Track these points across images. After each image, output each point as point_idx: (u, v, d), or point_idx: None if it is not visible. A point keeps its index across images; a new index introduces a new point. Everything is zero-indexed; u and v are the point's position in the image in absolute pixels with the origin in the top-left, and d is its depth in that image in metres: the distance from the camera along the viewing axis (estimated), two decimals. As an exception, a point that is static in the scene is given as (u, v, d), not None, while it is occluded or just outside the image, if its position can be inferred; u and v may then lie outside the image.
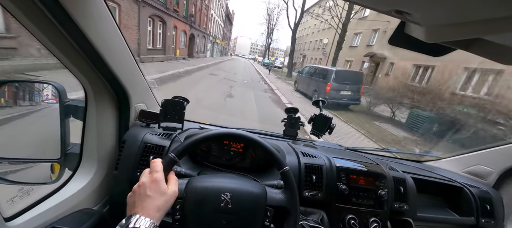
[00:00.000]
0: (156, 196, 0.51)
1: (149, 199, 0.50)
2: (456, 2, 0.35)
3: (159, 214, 0.50)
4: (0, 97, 0.73)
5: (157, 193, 0.51)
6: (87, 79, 0.72)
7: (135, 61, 0.83)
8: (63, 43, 0.57)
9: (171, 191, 0.54)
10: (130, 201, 0.54)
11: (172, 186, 0.55)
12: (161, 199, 0.51)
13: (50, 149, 0.83)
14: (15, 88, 0.78)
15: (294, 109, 1.14)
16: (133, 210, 0.50)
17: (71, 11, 0.50)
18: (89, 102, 0.78)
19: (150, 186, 0.52)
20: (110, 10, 0.61)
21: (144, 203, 0.50)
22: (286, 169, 0.62)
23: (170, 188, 0.54)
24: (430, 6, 0.39)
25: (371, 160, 1.04)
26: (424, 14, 0.42)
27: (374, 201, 0.90)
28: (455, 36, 0.43)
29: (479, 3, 0.33)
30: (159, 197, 0.51)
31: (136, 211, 0.49)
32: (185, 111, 0.94)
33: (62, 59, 0.61)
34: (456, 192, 1.16)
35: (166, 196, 0.52)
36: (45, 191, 0.75)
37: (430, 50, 0.59)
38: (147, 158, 0.84)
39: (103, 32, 0.62)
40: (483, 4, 0.33)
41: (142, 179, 0.54)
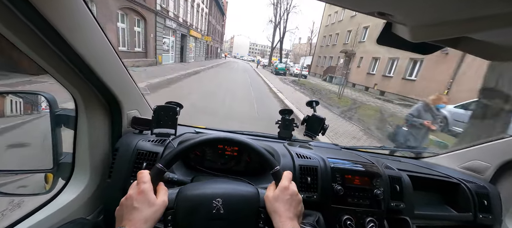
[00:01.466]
0: (143, 208, 0.50)
1: (136, 211, 0.50)
2: (436, 3, 0.35)
3: (146, 225, 0.49)
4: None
5: (144, 205, 0.51)
6: (76, 88, 0.72)
7: (125, 67, 0.82)
8: (47, 52, 0.57)
9: (160, 201, 0.53)
10: (118, 214, 0.53)
11: (161, 196, 0.54)
12: (149, 210, 0.51)
13: (43, 159, 0.83)
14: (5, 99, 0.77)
15: (289, 111, 1.14)
16: (121, 223, 0.50)
17: (54, 21, 0.49)
18: (79, 111, 0.78)
19: (136, 198, 0.51)
20: (95, 17, 0.61)
21: (131, 216, 0.49)
22: (276, 169, 0.62)
23: (159, 198, 0.53)
24: (412, 8, 0.38)
25: (367, 159, 1.03)
26: (407, 15, 0.42)
27: (370, 201, 0.89)
28: (439, 35, 0.43)
29: (459, 3, 0.33)
30: (147, 209, 0.51)
31: (124, 224, 0.48)
32: (178, 116, 0.94)
33: (47, 69, 0.60)
34: (453, 188, 1.16)
35: (155, 207, 0.51)
36: (38, 202, 0.75)
37: (417, 48, 0.58)
38: (140, 165, 0.83)
39: (89, 40, 0.62)
40: (462, 4, 0.33)
41: (129, 191, 0.53)
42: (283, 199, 0.56)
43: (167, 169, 0.58)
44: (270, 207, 0.57)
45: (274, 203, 0.56)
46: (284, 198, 0.56)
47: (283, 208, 0.55)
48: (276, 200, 0.57)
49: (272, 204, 0.56)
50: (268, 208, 0.57)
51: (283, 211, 0.55)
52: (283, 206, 0.56)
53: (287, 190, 0.58)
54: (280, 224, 0.53)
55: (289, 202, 0.57)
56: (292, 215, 0.55)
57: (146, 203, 0.51)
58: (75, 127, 0.79)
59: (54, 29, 0.50)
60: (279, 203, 0.56)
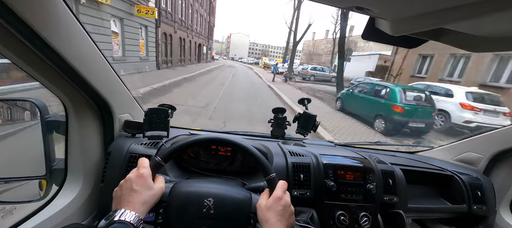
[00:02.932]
0: (142, 191, 0.53)
1: (135, 193, 0.52)
2: None
3: (144, 207, 0.52)
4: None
5: (143, 188, 0.53)
6: (64, 94, 0.72)
7: (114, 71, 0.82)
8: (32, 58, 0.57)
9: (158, 186, 0.56)
10: (116, 195, 0.55)
11: (159, 183, 0.58)
12: (148, 193, 0.53)
13: (35, 166, 0.83)
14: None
15: (281, 109, 1.14)
16: (119, 204, 0.52)
17: (36, 26, 0.49)
18: (70, 116, 0.78)
19: (136, 180, 0.54)
20: (79, 20, 0.61)
21: (130, 197, 0.52)
22: (271, 176, 0.61)
23: (157, 184, 0.57)
24: (389, 1, 0.39)
25: (360, 154, 1.04)
26: (385, 8, 0.43)
27: (363, 196, 0.90)
28: (418, 27, 0.44)
29: None
30: (145, 192, 0.53)
31: (122, 205, 0.51)
32: (170, 118, 0.94)
33: (34, 75, 0.60)
34: (447, 181, 1.16)
35: (153, 190, 0.54)
36: (31, 208, 0.75)
37: (401, 42, 0.59)
38: (133, 168, 0.83)
39: (74, 45, 0.62)
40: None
41: (129, 175, 0.56)
42: (275, 209, 0.55)
43: (164, 163, 0.60)
44: (261, 216, 0.56)
45: (266, 212, 0.55)
46: (276, 209, 0.55)
47: (274, 219, 0.54)
48: (269, 209, 0.55)
49: (264, 213, 0.55)
50: (259, 216, 0.56)
51: (274, 221, 0.54)
52: (275, 216, 0.54)
53: (280, 200, 0.57)
54: None
55: (281, 213, 0.55)
56: (283, 226, 0.54)
57: (145, 187, 0.53)
58: (66, 133, 0.80)
59: (37, 35, 0.50)
60: (271, 213, 0.55)
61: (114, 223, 0.47)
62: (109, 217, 0.49)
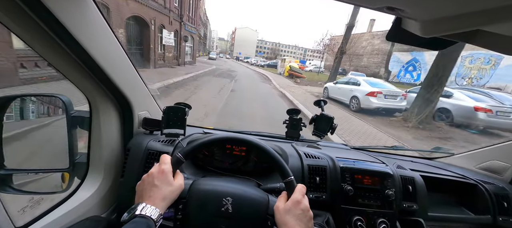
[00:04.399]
0: (162, 186, 0.54)
1: (156, 189, 0.54)
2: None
3: (164, 203, 0.54)
4: (11, 112, 0.76)
5: (163, 183, 0.55)
6: (90, 91, 0.75)
7: (136, 70, 0.85)
8: (63, 56, 0.59)
9: (178, 184, 0.57)
10: (138, 189, 0.58)
11: (178, 180, 0.59)
12: (167, 189, 0.55)
13: (60, 159, 0.87)
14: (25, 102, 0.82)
15: (296, 110, 1.13)
16: (141, 198, 0.54)
17: (69, 25, 0.52)
18: (94, 113, 0.81)
19: (157, 176, 0.55)
20: (107, 22, 0.63)
21: (151, 192, 0.54)
22: (290, 179, 0.60)
23: (176, 180, 0.58)
24: (423, 1, 0.37)
25: (377, 159, 1.01)
26: (418, 9, 0.41)
27: (381, 201, 0.87)
28: (452, 29, 0.42)
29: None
30: (166, 187, 0.55)
31: (144, 199, 0.53)
32: (187, 117, 0.96)
33: (64, 72, 0.63)
34: (470, 190, 1.11)
35: (172, 187, 0.56)
36: (56, 200, 0.78)
37: (429, 44, 0.57)
38: (151, 164, 0.85)
39: (103, 45, 0.64)
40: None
41: (151, 169, 0.58)
42: (294, 213, 0.55)
43: (185, 159, 0.61)
44: (279, 219, 0.55)
45: (284, 215, 0.55)
46: (295, 212, 0.55)
47: (293, 222, 0.53)
48: (287, 213, 0.55)
49: (282, 216, 0.55)
50: (277, 219, 0.55)
51: (293, 225, 0.53)
52: (294, 220, 0.54)
53: (299, 204, 0.56)
54: None
55: (300, 217, 0.55)
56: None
57: (166, 183, 0.55)
58: (89, 128, 0.83)
59: (70, 34, 0.52)
60: (290, 217, 0.54)
61: (136, 216, 0.49)
62: (131, 210, 0.51)
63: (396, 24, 0.53)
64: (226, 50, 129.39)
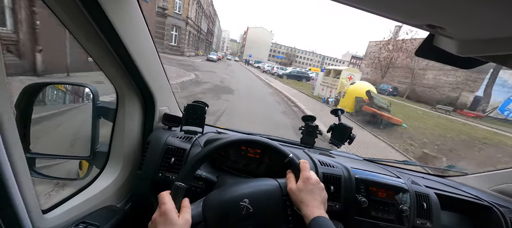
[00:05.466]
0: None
1: None
2: (493, 17, 0.34)
3: None
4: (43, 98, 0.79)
5: (166, 226, 0.51)
6: (120, 83, 0.77)
7: (163, 67, 0.87)
8: (102, 48, 0.62)
9: (183, 220, 0.52)
10: None
11: (184, 215, 0.54)
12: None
13: (81, 147, 0.89)
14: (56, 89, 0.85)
15: (312, 117, 1.14)
16: None
17: (113, 18, 0.54)
18: (120, 104, 0.83)
19: (159, 220, 0.51)
20: (144, 18, 0.66)
21: None
22: (290, 157, 0.64)
23: (181, 217, 0.53)
24: (466, 21, 0.38)
25: (392, 172, 1.01)
26: (458, 28, 0.42)
27: (395, 216, 0.86)
28: (490, 51, 0.42)
29: None
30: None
31: None
32: (205, 115, 0.97)
33: (100, 63, 0.66)
34: (484, 211, 1.09)
35: (178, 226, 0.51)
36: (75, 187, 0.81)
37: (460, 62, 0.57)
38: (168, 159, 0.87)
39: (138, 39, 0.67)
40: None
41: (153, 215, 0.54)
42: (307, 189, 0.59)
43: (186, 185, 0.58)
44: (295, 199, 0.59)
45: (299, 194, 0.59)
46: (308, 189, 0.59)
47: (309, 198, 0.58)
48: (301, 191, 0.59)
49: (297, 196, 0.59)
50: (293, 199, 0.60)
51: (309, 200, 0.58)
52: (309, 195, 0.58)
53: (309, 180, 0.61)
54: (308, 212, 0.56)
55: (314, 191, 0.60)
56: (318, 203, 0.58)
57: (168, 224, 0.51)
58: (114, 119, 0.85)
59: (114, 30, 0.55)
60: (304, 194, 0.59)
61: None
62: None
63: (428, 41, 0.53)
64: (236, 51, 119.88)
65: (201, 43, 42.18)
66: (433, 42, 0.53)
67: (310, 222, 0.55)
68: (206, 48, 48.46)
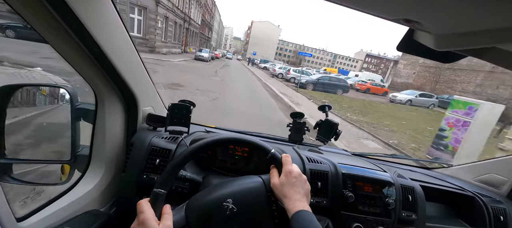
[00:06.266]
0: None
1: None
2: (468, 11, 0.34)
3: None
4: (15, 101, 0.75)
5: None
6: (97, 83, 0.74)
7: (144, 65, 0.84)
8: (73, 48, 0.59)
9: (164, 227, 0.50)
10: None
11: (165, 222, 0.52)
12: None
13: (61, 150, 0.86)
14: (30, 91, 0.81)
15: (300, 114, 1.13)
16: None
17: (82, 16, 0.51)
18: (99, 106, 0.80)
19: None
20: (119, 15, 0.63)
21: None
22: (271, 153, 0.64)
23: (162, 224, 0.51)
24: (441, 16, 0.38)
25: (378, 166, 1.02)
26: (434, 23, 0.41)
27: (381, 209, 0.88)
28: (467, 44, 0.42)
29: (493, 12, 0.32)
30: None
31: None
32: (191, 115, 0.95)
33: (73, 63, 0.63)
34: (467, 202, 1.12)
35: None
36: (55, 192, 0.78)
37: (440, 56, 0.57)
38: (153, 161, 0.85)
39: (113, 37, 0.64)
40: (497, 14, 0.32)
41: (132, 226, 0.51)
42: (289, 182, 0.59)
43: (166, 191, 0.56)
44: (279, 193, 0.59)
45: (281, 188, 0.59)
46: (290, 182, 0.59)
47: (291, 191, 0.58)
48: (283, 185, 0.59)
49: (280, 190, 0.59)
50: (277, 194, 0.60)
51: (292, 193, 0.58)
52: (291, 189, 0.58)
53: (291, 173, 0.60)
54: (291, 207, 0.56)
55: (296, 184, 0.59)
56: (301, 196, 0.58)
57: None
58: (94, 121, 0.82)
59: (83, 26, 0.52)
60: (287, 188, 0.59)
61: None
62: None
63: (408, 35, 0.53)
64: (240, 50, 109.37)
65: (193, 38, 32.40)
66: (413, 37, 0.53)
67: (292, 216, 0.54)
68: (202, 44, 41.99)
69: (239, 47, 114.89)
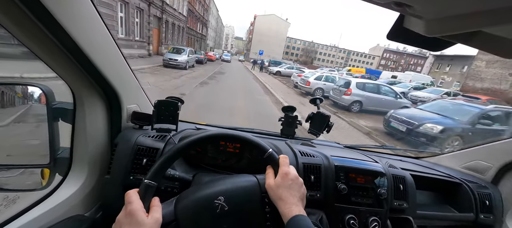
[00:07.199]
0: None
1: None
2: None
3: None
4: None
5: (133, 227, 0.47)
6: (74, 81, 0.69)
7: (125, 60, 0.80)
8: (45, 43, 0.54)
9: (153, 219, 0.49)
10: None
11: (153, 214, 0.50)
12: None
13: (39, 154, 0.80)
14: None
15: (291, 108, 1.12)
16: None
17: (54, 10, 0.47)
18: (78, 104, 0.75)
19: (124, 221, 0.48)
20: (96, 8, 0.58)
21: None
22: (269, 152, 0.62)
23: (151, 216, 0.49)
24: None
25: (370, 158, 1.02)
26: (425, 5, 0.40)
27: (374, 200, 0.88)
28: (456, 29, 0.42)
29: None
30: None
31: None
32: (179, 111, 0.92)
33: (45, 59, 0.58)
34: (455, 188, 1.15)
35: (145, 227, 0.47)
36: (35, 198, 0.73)
37: (429, 44, 0.57)
38: (140, 161, 0.81)
39: (89, 31, 0.59)
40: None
41: (118, 216, 0.50)
42: (285, 185, 0.57)
43: (155, 182, 0.54)
44: (273, 195, 0.57)
45: (276, 190, 0.57)
46: (286, 184, 0.57)
47: (287, 194, 0.56)
48: (279, 187, 0.57)
49: (275, 192, 0.57)
50: (271, 196, 0.57)
51: (287, 197, 0.55)
52: (287, 191, 0.56)
53: (288, 175, 0.58)
54: (286, 211, 0.54)
55: (292, 187, 0.57)
56: (296, 200, 0.56)
57: (135, 225, 0.47)
58: (73, 121, 0.77)
59: (54, 19, 0.47)
60: (282, 190, 0.56)
61: None
62: None
63: (398, 23, 0.52)
64: (242, 49, 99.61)
65: (175, 35, 23.18)
66: (403, 24, 0.52)
67: (288, 221, 0.52)
68: (192, 44, 32.47)
69: (241, 47, 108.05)
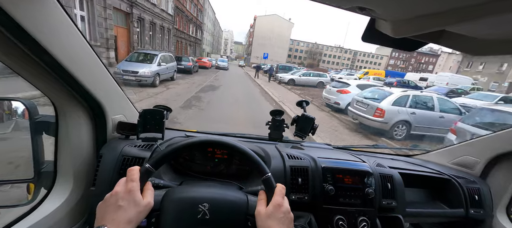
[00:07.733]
0: (128, 207, 0.49)
1: (120, 210, 0.48)
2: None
3: (129, 226, 0.48)
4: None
5: (130, 204, 0.49)
6: (55, 94, 0.69)
7: (108, 70, 0.80)
8: (22, 57, 0.54)
9: (146, 202, 0.52)
10: (100, 210, 0.51)
11: (147, 197, 0.53)
12: (134, 210, 0.49)
13: (24, 168, 0.79)
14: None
15: (279, 112, 1.13)
16: (102, 221, 0.47)
17: (27, 25, 0.47)
18: (60, 117, 0.75)
19: (123, 196, 0.50)
20: (72, 19, 0.59)
21: (115, 215, 0.48)
22: (267, 176, 0.59)
23: (145, 199, 0.52)
24: (391, 1, 0.38)
25: (358, 158, 1.03)
26: (386, 9, 0.42)
27: (362, 200, 0.88)
28: (419, 29, 0.43)
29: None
30: (132, 208, 0.49)
31: (105, 223, 0.47)
32: (165, 120, 0.92)
33: (23, 74, 0.58)
34: (444, 184, 1.16)
35: (140, 208, 0.50)
36: (18, 213, 0.71)
37: (402, 44, 0.58)
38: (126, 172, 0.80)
39: (66, 43, 0.59)
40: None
41: (116, 188, 0.52)
42: (276, 217, 0.54)
43: (155, 169, 0.56)
44: (261, 224, 0.54)
45: (266, 220, 0.54)
46: (277, 216, 0.54)
47: (276, 226, 0.53)
48: (269, 217, 0.54)
49: (264, 222, 0.54)
50: (259, 224, 0.55)
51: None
52: (277, 224, 0.53)
53: (280, 207, 0.55)
54: None
55: (282, 220, 0.54)
56: None
57: (132, 203, 0.49)
58: (56, 134, 0.76)
59: (28, 34, 0.48)
60: (272, 221, 0.53)
61: None
62: None
63: (370, 25, 0.54)
64: (242, 54, 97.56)
65: (159, 36, 19.55)
66: (375, 26, 0.53)
67: None
68: (184, 49, 29.88)
69: (241, 52, 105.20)
